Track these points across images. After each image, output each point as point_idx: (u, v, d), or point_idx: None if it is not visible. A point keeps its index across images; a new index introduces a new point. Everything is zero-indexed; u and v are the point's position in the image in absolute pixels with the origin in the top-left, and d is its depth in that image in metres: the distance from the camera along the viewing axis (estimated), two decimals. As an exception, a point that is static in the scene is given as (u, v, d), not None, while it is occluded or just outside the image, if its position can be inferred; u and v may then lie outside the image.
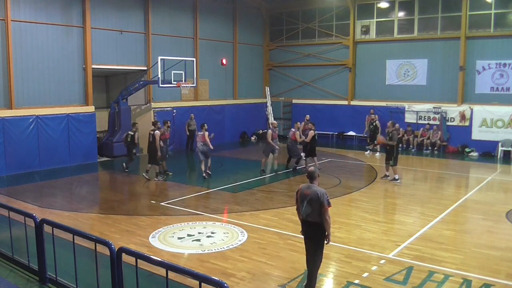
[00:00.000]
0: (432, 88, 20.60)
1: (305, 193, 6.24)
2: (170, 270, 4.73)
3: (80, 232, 6.18)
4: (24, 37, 15.30)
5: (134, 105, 19.42)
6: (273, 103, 25.25)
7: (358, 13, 22.47)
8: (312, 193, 6.17)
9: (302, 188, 6.35)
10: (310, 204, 6.17)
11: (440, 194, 12.55)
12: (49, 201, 11.77)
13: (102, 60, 17.60)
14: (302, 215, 6.29)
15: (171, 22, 20.20)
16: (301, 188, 6.37)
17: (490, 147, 18.90)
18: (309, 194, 6.19)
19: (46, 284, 6.50)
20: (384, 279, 6.82)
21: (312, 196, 6.15)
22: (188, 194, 12.36)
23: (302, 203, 6.25)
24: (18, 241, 7.29)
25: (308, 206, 6.18)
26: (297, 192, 6.41)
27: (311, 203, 6.16)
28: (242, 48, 23.99)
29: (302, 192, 6.30)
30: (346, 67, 22.93)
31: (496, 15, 18.94)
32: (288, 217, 10.15)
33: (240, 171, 15.98)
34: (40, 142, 15.56)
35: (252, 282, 6.76)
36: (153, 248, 8.18)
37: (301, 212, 6.29)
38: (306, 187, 6.32)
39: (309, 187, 6.30)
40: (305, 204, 6.20)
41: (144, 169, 14.46)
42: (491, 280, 6.81)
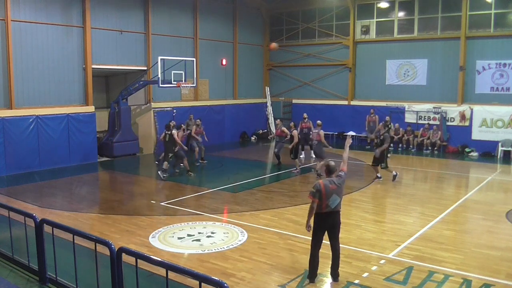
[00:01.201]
0: (432, 88, 20.60)
1: (331, 187, 6.54)
2: (170, 270, 4.72)
3: (80, 232, 6.18)
4: (24, 37, 15.30)
5: (134, 105, 19.43)
6: (273, 103, 25.27)
7: (358, 13, 22.47)
8: (338, 185, 6.61)
9: (325, 184, 6.55)
10: (338, 195, 6.61)
11: (440, 194, 12.54)
12: (49, 201, 11.77)
13: (102, 60, 17.60)
14: (330, 207, 6.55)
15: (171, 22, 20.20)
16: (324, 184, 6.55)
17: (490, 147, 18.91)
18: (335, 187, 6.56)
19: (46, 284, 6.50)
20: (384, 279, 6.82)
21: (339, 187, 6.61)
22: (188, 194, 12.36)
23: (329, 197, 6.51)
24: (18, 241, 7.29)
25: (337, 197, 6.59)
26: (319, 190, 6.51)
27: (339, 194, 6.62)
28: (242, 48, 23.99)
29: (327, 188, 6.52)
30: (346, 67, 22.93)
31: (496, 15, 18.94)
32: (288, 217, 10.15)
33: (240, 171, 15.97)
34: (40, 142, 15.56)
35: (252, 282, 6.76)
36: (153, 248, 8.18)
37: (329, 205, 6.53)
38: (329, 182, 6.59)
39: (331, 181, 6.61)
40: (333, 196, 6.54)
41: (146, 169, 14.48)
42: (491, 280, 6.81)
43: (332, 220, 6.67)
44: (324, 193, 6.51)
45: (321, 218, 6.64)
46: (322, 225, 6.67)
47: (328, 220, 6.65)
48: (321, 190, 6.52)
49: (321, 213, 6.60)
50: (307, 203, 11.19)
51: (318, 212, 6.61)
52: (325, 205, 6.54)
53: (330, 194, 6.52)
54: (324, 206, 6.54)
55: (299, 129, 17.92)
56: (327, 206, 6.54)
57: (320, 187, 6.53)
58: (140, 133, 19.66)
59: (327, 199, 6.52)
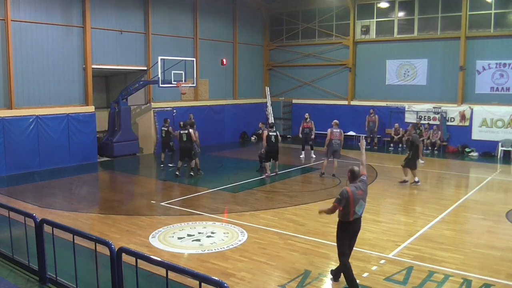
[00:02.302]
0: (432, 88, 20.60)
1: (358, 193, 6.34)
2: (170, 270, 4.73)
3: (80, 232, 6.18)
4: (24, 37, 15.30)
5: (134, 105, 19.43)
6: (273, 103, 25.25)
7: (358, 13, 22.47)
8: (363, 190, 6.45)
9: (352, 191, 6.31)
10: (364, 201, 6.47)
11: (440, 194, 12.54)
12: (49, 201, 11.77)
13: (102, 60, 17.60)
14: (357, 214, 6.36)
15: (171, 22, 20.20)
16: (351, 191, 6.30)
17: (490, 147, 18.91)
18: (361, 193, 6.39)
19: (46, 284, 6.50)
20: (384, 279, 6.82)
21: (365, 192, 6.47)
22: (188, 194, 12.36)
23: (356, 203, 6.30)
24: (18, 241, 7.29)
25: (363, 203, 6.45)
26: (347, 198, 6.24)
27: (364, 200, 6.48)
28: (242, 48, 23.99)
29: (355, 195, 6.30)
30: (346, 67, 22.93)
31: (496, 15, 18.94)
32: (288, 217, 10.16)
33: (240, 171, 15.97)
34: (40, 142, 15.56)
35: (252, 282, 6.76)
36: (153, 248, 8.18)
37: (356, 212, 6.34)
38: (355, 189, 6.36)
39: (357, 187, 6.40)
40: (360, 202, 6.35)
41: (146, 169, 14.48)
42: (491, 280, 6.81)
43: (358, 227, 6.53)
44: (352, 200, 6.26)
45: (348, 225, 6.42)
46: (348, 233, 6.48)
47: (354, 227, 6.49)
48: (349, 198, 6.25)
49: (348, 222, 6.38)
50: (307, 203, 11.28)
51: (345, 220, 6.39)
52: (352, 212, 6.31)
53: (357, 201, 6.31)
54: (352, 213, 6.32)
55: (301, 129, 17.97)
56: (354, 213, 6.32)
57: (348, 195, 6.26)
58: (140, 133, 19.66)
59: (354, 206, 6.29)
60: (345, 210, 6.32)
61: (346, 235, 6.47)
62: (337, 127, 14.47)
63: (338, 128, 14.47)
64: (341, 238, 6.49)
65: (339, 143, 14.35)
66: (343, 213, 6.34)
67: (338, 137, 14.33)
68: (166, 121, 16.30)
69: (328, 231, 9.13)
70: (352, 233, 6.52)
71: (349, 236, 6.49)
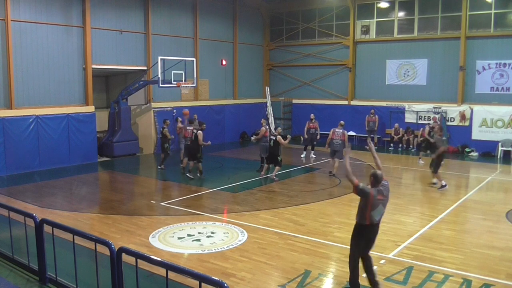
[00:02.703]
0: (432, 88, 20.61)
1: (379, 198, 6.10)
2: (170, 270, 4.73)
3: (80, 232, 6.18)
4: (24, 37, 15.30)
5: (134, 105, 19.43)
6: (273, 103, 25.22)
7: (358, 13, 22.48)
8: (385, 196, 6.19)
9: (373, 194, 6.08)
10: (384, 207, 6.21)
11: (440, 194, 12.54)
12: (49, 201, 11.77)
13: (102, 60, 17.60)
14: (374, 219, 6.12)
15: (171, 22, 20.21)
16: (372, 195, 6.07)
17: (490, 147, 18.91)
18: (382, 198, 6.14)
19: (46, 284, 6.50)
20: (384, 279, 6.81)
21: (386, 198, 6.22)
22: (188, 194, 12.36)
23: (375, 207, 6.08)
24: (18, 241, 7.29)
25: (382, 209, 6.19)
26: (368, 193, 6.07)
27: (384, 206, 6.22)
28: (242, 48, 23.99)
29: (375, 197, 6.08)
30: (346, 67, 22.93)
31: (496, 15, 18.94)
32: (288, 217, 10.15)
33: (240, 171, 15.97)
34: (40, 142, 15.56)
35: (252, 282, 6.76)
36: (153, 248, 8.18)
37: (373, 216, 6.09)
38: (377, 192, 6.12)
39: (379, 191, 6.16)
40: (379, 207, 6.12)
41: (146, 169, 14.47)
42: (491, 280, 6.81)
43: (374, 233, 6.26)
44: (371, 202, 6.04)
45: (364, 229, 6.21)
46: (364, 237, 6.25)
47: (370, 233, 6.23)
48: (368, 197, 6.05)
49: (364, 225, 6.17)
50: (307, 203, 11.28)
51: (361, 223, 6.18)
52: (368, 216, 6.08)
53: (377, 205, 6.07)
54: (368, 217, 6.08)
55: (306, 129, 18.12)
56: (370, 217, 6.08)
57: (368, 194, 6.05)
58: (140, 133, 19.66)
59: (372, 210, 6.06)
60: (362, 211, 6.13)
61: (361, 239, 6.26)
62: (341, 127, 14.54)
63: (341, 128, 14.51)
64: (355, 240, 6.32)
65: (340, 143, 14.30)
66: (360, 214, 6.17)
67: (339, 137, 14.34)
68: (165, 122, 16.14)
69: (328, 231, 9.14)
70: (367, 238, 6.25)
71: (364, 240, 6.25)
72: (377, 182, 6.21)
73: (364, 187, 6.09)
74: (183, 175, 14.64)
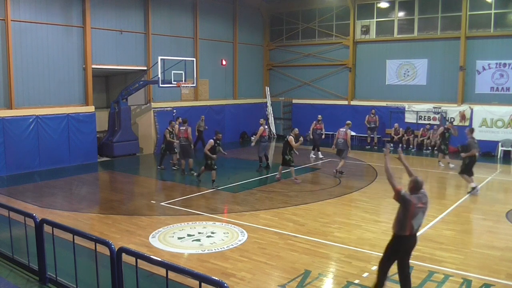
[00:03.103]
0: (432, 88, 20.61)
1: (419, 205, 5.78)
2: (170, 270, 4.73)
3: (80, 232, 6.18)
4: (24, 37, 15.30)
5: (134, 105, 19.43)
6: (273, 103, 25.27)
7: (358, 13, 22.48)
8: (425, 203, 5.86)
9: (414, 202, 5.76)
10: (424, 214, 5.89)
11: (440, 194, 12.54)
12: (49, 201, 11.77)
13: (102, 60, 17.60)
14: (414, 228, 5.81)
15: (171, 22, 20.20)
16: (414, 203, 5.75)
17: (490, 147, 18.90)
18: (422, 206, 5.83)
19: (46, 284, 6.50)
20: (384, 279, 6.81)
21: (426, 206, 5.88)
22: (188, 194, 12.36)
23: (415, 216, 5.76)
24: (18, 241, 7.29)
25: (422, 217, 5.87)
26: (407, 203, 5.75)
27: (424, 214, 5.89)
28: (242, 48, 23.99)
29: (416, 205, 5.76)
30: (346, 67, 22.93)
31: (496, 15, 18.94)
32: (288, 217, 10.15)
33: (240, 171, 15.97)
34: (40, 142, 15.56)
35: (252, 282, 6.76)
36: (153, 248, 8.18)
37: (413, 226, 5.79)
38: (418, 199, 5.80)
39: (419, 198, 5.83)
40: (419, 215, 5.80)
41: (146, 169, 14.47)
42: (491, 280, 6.81)
43: (413, 244, 5.93)
44: (412, 210, 5.71)
45: (403, 240, 5.86)
46: (401, 251, 5.92)
47: (409, 244, 5.91)
48: (409, 205, 5.72)
49: (404, 236, 5.81)
50: (307, 203, 11.28)
51: (400, 234, 5.82)
52: (409, 225, 5.75)
53: (417, 213, 5.75)
54: (409, 226, 5.75)
55: (312, 130, 18.26)
56: (411, 227, 5.76)
57: (409, 202, 5.72)
58: (140, 133, 19.66)
59: (412, 218, 5.73)
60: (401, 221, 5.80)
61: (397, 252, 5.92)
62: (346, 127, 14.68)
63: (345, 127, 14.63)
64: (389, 252, 5.97)
65: (342, 142, 14.43)
66: (399, 224, 5.83)
67: (342, 136, 14.49)
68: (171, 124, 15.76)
69: (328, 231, 9.14)
70: (404, 251, 5.94)
71: (400, 253, 5.93)
72: (417, 189, 5.88)
73: (405, 194, 5.78)
74: (182, 175, 14.63)
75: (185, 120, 15.33)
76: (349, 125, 14.88)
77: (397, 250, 5.92)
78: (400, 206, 5.86)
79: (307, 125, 23.63)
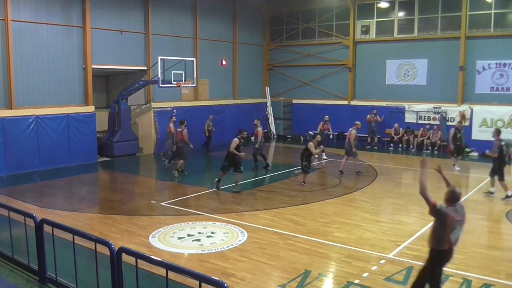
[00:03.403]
0: (432, 88, 20.61)
1: (457, 218, 5.57)
2: (170, 270, 4.73)
3: (80, 232, 6.18)
4: (24, 37, 15.30)
5: (134, 105, 19.42)
6: (273, 103, 25.26)
7: (358, 13, 22.48)
8: (463, 216, 5.66)
9: (452, 215, 5.54)
10: (461, 228, 5.67)
11: (440, 194, 12.47)
12: (49, 201, 11.77)
13: (102, 60, 17.60)
14: (452, 242, 5.58)
15: (171, 22, 20.20)
16: (451, 217, 5.53)
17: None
18: (460, 218, 5.62)
19: (46, 284, 6.50)
20: (384, 279, 6.82)
21: (464, 219, 5.67)
22: (188, 194, 12.36)
23: (453, 229, 5.54)
24: (18, 241, 7.29)
25: (460, 230, 5.65)
26: (444, 216, 5.54)
27: (462, 227, 5.68)
28: (242, 48, 23.99)
29: (454, 219, 5.53)
30: (346, 67, 22.93)
31: (496, 15, 18.94)
32: (288, 217, 10.15)
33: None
34: (40, 142, 15.56)
35: (252, 282, 6.76)
36: (153, 248, 8.18)
37: (452, 240, 5.56)
38: (455, 212, 5.58)
39: (457, 210, 5.61)
40: (457, 229, 5.58)
41: (146, 169, 14.46)
42: (491, 280, 6.81)
43: (450, 258, 5.72)
44: (450, 224, 5.50)
45: (443, 255, 5.65)
46: (440, 264, 5.74)
47: (447, 258, 5.69)
48: (446, 219, 5.50)
49: (443, 251, 5.59)
50: (307, 203, 11.28)
51: (440, 249, 5.62)
52: (448, 239, 5.53)
53: (455, 226, 5.53)
54: (448, 240, 5.54)
55: (319, 130, 18.28)
56: (450, 241, 5.54)
57: (446, 215, 5.51)
58: (140, 133, 19.66)
59: (451, 232, 5.52)
60: (439, 236, 5.58)
61: (440, 266, 5.72)
62: (353, 127, 14.95)
63: (352, 127, 14.93)
64: (435, 269, 5.75)
65: (347, 142, 14.84)
66: (437, 239, 5.62)
67: (347, 136, 14.85)
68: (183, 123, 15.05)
69: (328, 231, 9.14)
70: (444, 264, 5.75)
71: (441, 267, 5.76)
72: (455, 200, 5.66)
73: (441, 208, 5.55)
74: (182, 175, 14.62)
75: (183, 121, 15.07)
76: (356, 125, 15.09)
77: (438, 265, 5.73)
78: (436, 220, 5.66)
79: (307, 125, 23.73)
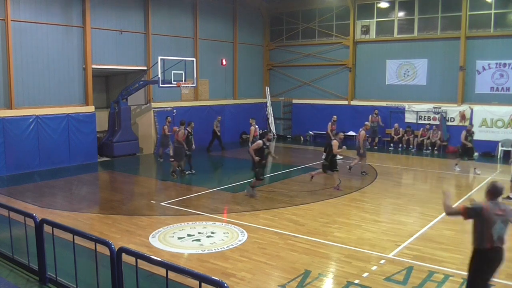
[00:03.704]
0: (432, 88, 20.61)
1: (497, 212, 5.30)
2: (170, 270, 4.73)
3: (80, 232, 6.18)
4: (24, 37, 15.30)
5: (134, 105, 19.43)
6: (273, 103, 25.26)
7: (358, 13, 22.48)
8: (504, 209, 5.35)
9: (489, 208, 5.32)
10: (505, 224, 5.35)
11: (440, 194, 12.50)
12: (49, 201, 11.77)
13: (102, 60, 17.60)
14: (495, 240, 5.29)
15: (171, 22, 20.20)
16: (486, 207, 5.33)
17: (490, 147, 18.90)
18: (501, 212, 5.32)
19: (46, 284, 6.50)
20: (384, 279, 6.82)
21: (507, 213, 5.35)
22: (188, 194, 12.36)
23: (493, 224, 5.27)
24: (18, 241, 7.29)
25: (503, 227, 5.33)
26: (479, 213, 5.33)
27: (505, 222, 5.35)
28: (242, 48, 23.99)
29: (491, 212, 5.29)
30: (346, 67, 22.93)
31: (496, 15, 18.95)
32: (288, 217, 10.15)
33: (240, 171, 15.95)
34: (40, 142, 15.56)
35: (252, 282, 6.76)
36: (153, 248, 8.18)
37: (494, 237, 5.27)
38: (494, 206, 5.34)
39: (496, 204, 5.38)
40: (498, 224, 5.28)
41: (146, 169, 14.44)
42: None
43: (499, 259, 5.35)
44: (487, 218, 5.25)
45: (486, 255, 5.33)
46: (488, 266, 5.37)
47: (494, 259, 5.34)
48: (480, 213, 5.28)
49: (485, 250, 5.31)
50: (307, 203, 11.27)
51: (481, 248, 5.34)
52: (489, 236, 5.26)
53: (495, 221, 5.25)
54: (488, 237, 5.26)
55: (329, 131, 18.27)
56: (491, 238, 5.25)
57: (480, 210, 5.30)
58: (140, 133, 19.66)
59: (491, 227, 5.25)
60: (479, 233, 5.35)
61: (484, 268, 5.37)
62: (363, 127, 15.17)
63: (362, 128, 15.16)
64: (476, 271, 5.44)
65: (357, 142, 15.16)
66: (478, 237, 5.37)
67: (357, 137, 15.35)
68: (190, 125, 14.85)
69: (328, 231, 9.14)
70: (489, 266, 5.37)
71: (489, 270, 5.39)
72: (496, 194, 5.44)
73: (472, 206, 5.40)
74: (182, 176, 14.63)
75: (182, 122, 14.86)
76: (366, 126, 15.37)
77: (481, 267, 5.41)
78: (474, 221, 5.45)
79: (307, 125, 23.77)
